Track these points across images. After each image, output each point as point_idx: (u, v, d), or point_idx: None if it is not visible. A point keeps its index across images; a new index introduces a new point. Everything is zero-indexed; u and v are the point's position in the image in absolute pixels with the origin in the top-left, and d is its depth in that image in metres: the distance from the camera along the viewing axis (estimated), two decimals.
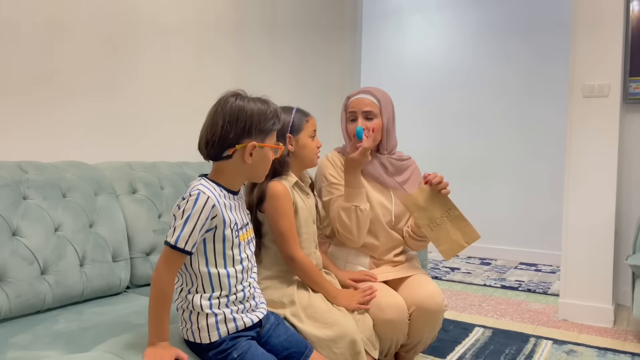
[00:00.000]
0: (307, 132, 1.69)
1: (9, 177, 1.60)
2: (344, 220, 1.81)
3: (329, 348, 1.51)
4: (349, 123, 1.92)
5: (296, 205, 1.65)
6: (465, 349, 2.49)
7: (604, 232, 2.86)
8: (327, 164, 1.94)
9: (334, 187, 1.90)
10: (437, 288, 1.83)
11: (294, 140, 1.67)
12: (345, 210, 1.80)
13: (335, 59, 3.84)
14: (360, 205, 1.80)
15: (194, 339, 1.29)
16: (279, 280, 1.64)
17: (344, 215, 1.80)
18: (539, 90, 4.55)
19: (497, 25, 4.73)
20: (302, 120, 1.69)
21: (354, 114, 1.90)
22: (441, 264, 4.47)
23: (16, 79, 1.90)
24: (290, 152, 1.67)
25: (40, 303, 1.56)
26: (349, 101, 1.93)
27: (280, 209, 1.59)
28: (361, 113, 1.89)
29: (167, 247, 1.22)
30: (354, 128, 1.86)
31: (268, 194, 1.59)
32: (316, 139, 1.73)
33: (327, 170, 1.93)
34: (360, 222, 1.81)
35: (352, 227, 1.81)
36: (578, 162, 2.92)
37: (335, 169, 1.93)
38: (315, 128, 1.72)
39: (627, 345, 2.56)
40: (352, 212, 1.80)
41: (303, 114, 1.70)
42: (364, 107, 1.89)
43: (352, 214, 1.80)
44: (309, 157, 1.71)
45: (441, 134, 5.00)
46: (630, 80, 3.04)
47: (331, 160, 1.95)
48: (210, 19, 2.73)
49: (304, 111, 1.72)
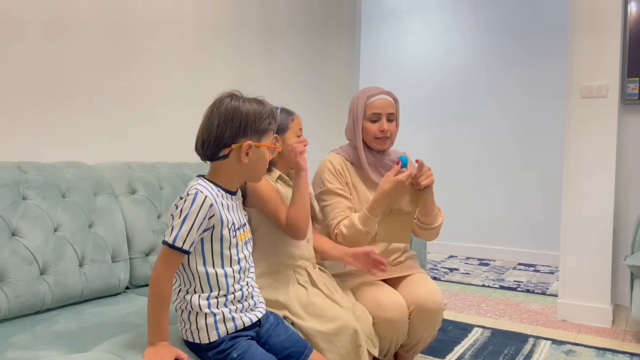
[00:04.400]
0: (293, 131, 1.68)
1: (8, 177, 1.60)
2: (352, 235, 1.80)
3: (331, 342, 1.51)
4: (368, 123, 1.89)
5: (280, 195, 1.63)
6: (464, 349, 2.49)
7: (603, 233, 2.86)
8: (326, 168, 1.91)
9: (331, 195, 1.87)
10: (436, 287, 1.84)
11: (280, 140, 1.65)
12: (357, 231, 1.79)
13: (335, 58, 3.84)
14: (371, 231, 1.80)
15: (193, 339, 1.29)
16: (273, 280, 1.63)
17: (353, 232, 1.79)
18: (537, 90, 4.56)
19: (495, 26, 4.74)
20: (287, 119, 1.67)
21: (378, 115, 1.88)
22: (440, 264, 4.48)
23: (16, 79, 1.90)
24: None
25: (40, 303, 1.56)
26: (370, 101, 1.89)
27: (262, 193, 1.56)
28: (385, 115, 1.88)
29: (165, 246, 1.22)
30: (378, 130, 1.86)
31: (248, 187, 1.57)
32: (302, 138, 1.70)
33: (325, 174, 1.90)
34: (362, 242, 1.81)
35: (353, 244, 1.80)
36: (576, 163, 2.92)
37: (335, 175, 1.89)
38: (300, 127, 1.70)
39: (626, 346, 2.57)
40: (362, 235, 1.79)
41: (288, 113, 1.69)
42: (388, 108, 1.89)
43: (361, 236, 1.80)
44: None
45: (439, 134, 5.01)
46: (628, 81, 3.05)
47: (330, 165, 1.91)
48: (210, 19, 2.73)
49: (289, 110, 1.70)
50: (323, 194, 1.90)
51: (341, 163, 1.93)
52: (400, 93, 5.05)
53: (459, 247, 4.92)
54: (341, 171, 1.91)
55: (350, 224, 1.80)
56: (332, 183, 1.89)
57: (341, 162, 1.93)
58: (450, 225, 4.87)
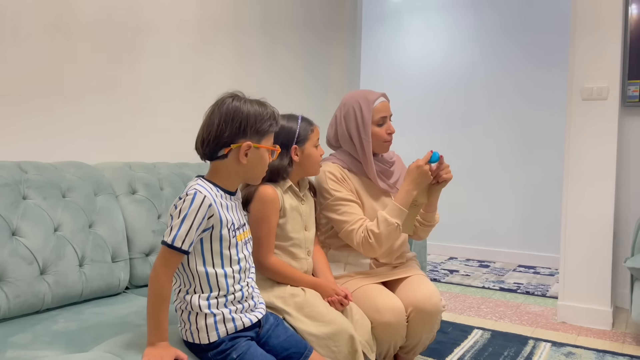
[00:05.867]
0: (312, 141, 1.68)
1: (9, 177, 1.60)
2: (386, 231, 1.76)
3: (327, 347, 1.51)
4: (376, 128, 1.87)
5: (284, 209, 1.63)
6: (464, 351, 2.49)
7: (603, 235, 2.86)
8: (327, 179, 1.85)
9: (343, 202, 1.83)
10: (434, 288, 1.83)
11: (299, 150, 1.65)
12: (388, 224, 1.76)
13: (335, 60, 3.85)
14: (400, 224, 1.78)
15: (193, 340, 1.29)
16: (270, 282, 1.63)
17: (387, 228, 1.76)
18: (538, 92, 4.56)
19: (496, 27, 4.75)
20: (308, 130, 1.68)
21: (384, 118, 1.89)
22: (440, 266, 4.48)
23: (16, 79, 1.90)
24: (293, 162, 1.65)
25: (40, 303, 1.56)
26: (375, 105, 1.87)
27: (263, 213, 1.57)
28: (389, 116, 1.91)
29: (164, 246, 1.22)
30: (386, 133, 1.88)
31: (256, 196, 1.57)
32: (319, 148, 1.71)
33: (328, 185, 1.84)
34: (392, 238, 1.80)
35: (382, 240, 1.77)
36: (577, 165, 2.92)
37: (339, 183, 1.86)
38: (319, 137, 1.72)
39: (626, 348, 2.56)
40: (394, 229, 1.77)
41: (309, 124, 1.69)
42: (389, 109, 1.92)
43: (395, 231, 1.77)
44: (312, 166, 1.70)
45: (440, 136, 5.01)
46: (628, 83, 3.05)
47: (331, 175, 1.86)
48: (210, 21, 2.73)
49: (309, 120, 1.71)
50: (334, 203, 1.84)
51: (340, 172, 1.88)
52: (401, 94, 5.11)
53: (459, 248, 4.92)
54: (342, 179, 1.88)
55: (382, 220, 1.77)
56: (340, 191, 1.84)
57: (340, 170, 1.89)
58: (450, 227, 4.89)
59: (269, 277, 1.63)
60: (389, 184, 1.95)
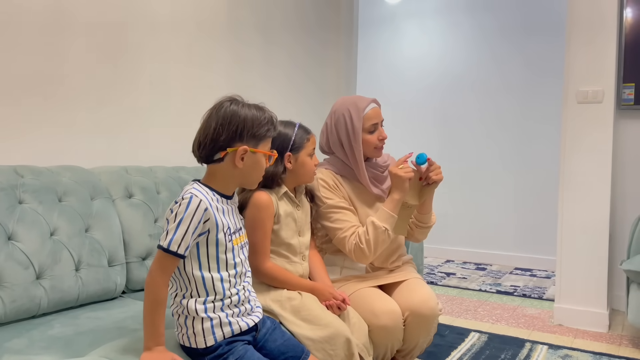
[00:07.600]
0: (307, 150, 1.67)
1: (5, 181, 1.60)
2: (376, 237, 1.76)
3: (324, 350, 1.51)
4: (367, 135, 1.86)
5: (279, 216, 1.63)
6: (461, 354, 2.49)
7: (599, 237, 2.87)
8: (319, 186, 1.84)
9: (335, 209, 1.83)
10: (430, 292, 1.83)
11: (293, 158, 1.65)
12: (376, 228, 1.76)
13: (331, 63, 3.85)
14: (389, 229, 1.78)
15: (189, 344, 1.29)
16: (266, 285, 1.63)
17: (377, 233, 1.76)
18: (533, 95, 4.58)
19: (492, 31, 4.76)
20: (304, 138, 1.67)
21: (375, 125, 1.87)
22: (437, 269, 4.48)
23: (13, 83, 1.90)
24: (286, 170, 1.64)
25: (36, 308, 1.56)
26: (365, 112, 1.85)
27: (258, 219, 1.57)
28: (380, 122, 1.89)
29: (160, 250, 1.22)
30: (377, 140, 1.87)
31: (251, 202, 1.57)
32: (314, 157, 1.70)
33: (320, 192, 1.83)
34: (382, 244, 1.79)
35: (371, 245, 1.77)
36: (572, 168, 2.93)
37: (331, 190, 1.85)
38: (314, 146, 1.70)
39: (622, 350, 2.57)
40: (384, 233, 1.76)
41: (305, 132, 1.68)
42: (380, 116, 1.90)
43: (385, 235, 1.77)
44: (305, 175, 1.69)
45: (436, 139, 5.01)
46: (623, 86, 3.06)
47: (323, 182, 1.85)
48: (207, 25, 2.73)
49: (306, 128, 1.70)
50: (327, 211, 1.83)
51: (333, 178, 1.88)
52: (397, 97, 5.12)
53: (455, 251, 4.93)
54: (335, 186, 1.87)
55: (370, 225, 1.77)
56: (332, 198, 1.84)
57: (332, 177, 1.88)
58: (447, 230, 4.90)
59: (265, 282, 1.63)
60: (382, 189, 1.94)
